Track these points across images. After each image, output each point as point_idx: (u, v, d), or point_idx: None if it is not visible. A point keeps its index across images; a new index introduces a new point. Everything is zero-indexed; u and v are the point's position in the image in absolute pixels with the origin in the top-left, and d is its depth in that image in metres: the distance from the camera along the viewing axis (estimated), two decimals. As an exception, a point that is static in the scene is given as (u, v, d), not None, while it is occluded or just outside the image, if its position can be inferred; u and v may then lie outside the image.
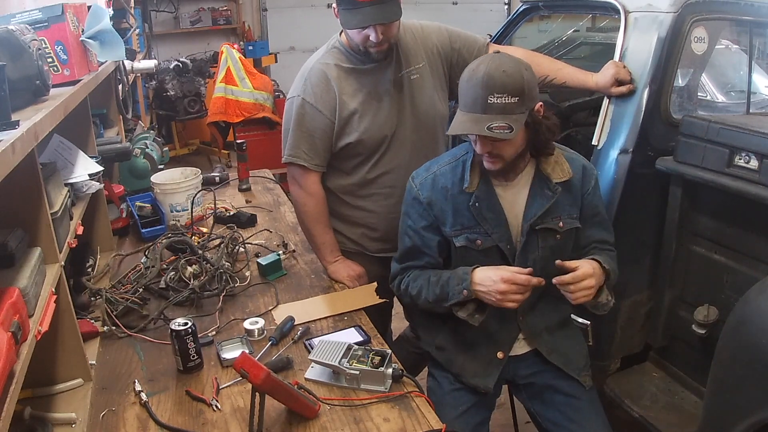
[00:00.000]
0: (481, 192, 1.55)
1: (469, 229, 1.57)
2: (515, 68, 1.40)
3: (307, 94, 1.79)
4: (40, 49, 1.28)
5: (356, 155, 1.85)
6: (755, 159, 1.66)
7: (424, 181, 1.61)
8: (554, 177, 1.55)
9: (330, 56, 1.82)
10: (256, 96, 4.73)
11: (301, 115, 1.79)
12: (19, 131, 0.98)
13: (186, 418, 1.30)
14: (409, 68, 1.83)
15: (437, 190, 1.58)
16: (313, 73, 1.80)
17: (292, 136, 1.82)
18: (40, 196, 1.24)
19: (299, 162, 1.82)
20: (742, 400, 1.44)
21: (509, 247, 1.56)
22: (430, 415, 1.29)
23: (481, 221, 1.55)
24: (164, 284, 1.75)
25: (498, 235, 1.56)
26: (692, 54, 1.94)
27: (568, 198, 1.57)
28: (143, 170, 2.54)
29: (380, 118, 1.80)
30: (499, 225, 1.56)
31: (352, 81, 1.79)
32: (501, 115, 1.38)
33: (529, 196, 1.56)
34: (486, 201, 1.55)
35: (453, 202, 1.57)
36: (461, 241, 1.58)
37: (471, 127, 1.42)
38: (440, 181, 1.59)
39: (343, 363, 1.35)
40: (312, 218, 1.89)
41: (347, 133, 1.80)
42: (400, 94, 1.83)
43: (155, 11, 6.42)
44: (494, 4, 7.69)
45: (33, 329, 1.07)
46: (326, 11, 7.30)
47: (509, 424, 2.10)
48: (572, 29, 3.46)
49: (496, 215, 1.55)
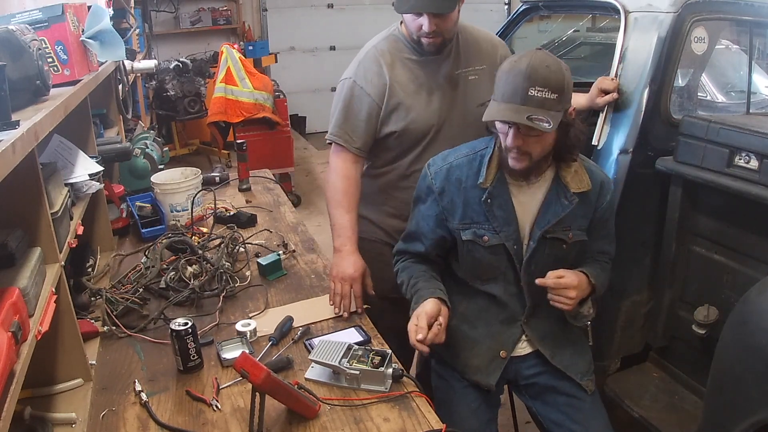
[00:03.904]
0: (495, 189, 1.53)
1: (478, 224, 1.55)
2: (557, 66, 1.39)
3: (358, 77, 1.79)
4: (41, 49, 1.28)
5: (399, 146, 1.83)
6: (755, 159, 1.67)
7: (439, 170, 1.59)
8: (573, 186, 1.52)
9: (386, 43, 1.81)
10: (256, 96, 4.73)
11: (350, 97, 1.79)
12: (20, 131, 0.98)
13: (186, 418, 1.30)
14: (468, 68, 1.82)
15: (451, 181, 1.57)
16: (367, 57, 1.80)
17: (338, 116, 1.81)
18: (40, 196, 1.24)
19: (339, 142, 1.81)
20: (742, 400, 1.44)
21: (516, 247, 1.55)
22: (430, 415, 1.29)
23: (491, 218, 1.54)
24: (164, 284, 1.75)
25: (506, 234, 1.54)
26: (692, 54, 1.94)
27: (581, 210, 1.55)
28: (143, 170, 2.54)
29: (428, 111, 1.79)
30: (508, 224, 1.54)
31: (406, 70, 1.78)
32: (540, 108, 1.35)
33: (544, 202, 1.54)
34: (499, 198, 1.53)
35: (465, 195, 1.56)
36: (468, 235, 1.56)
37: (511, 114, 1.38)
38: (455, 172, 1.57)
39: (343, 363, 1.35)
40: (334, 200, 1.83)
41: (393, 121, 1.79)
42: (454, 91, 1.81)
43: (155, 11, 6.41)
44: (494, 4, 7.70)
45: (33, 329, 1.07)
46: (326, 11, 7.32)
47: (509, 424, 2.10)
48: (572, 29, 3.46)
49: (506, 214, 1.53)
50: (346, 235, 1.77)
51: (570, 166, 1.53)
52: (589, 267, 1.58)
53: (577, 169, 1.53)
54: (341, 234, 1.78)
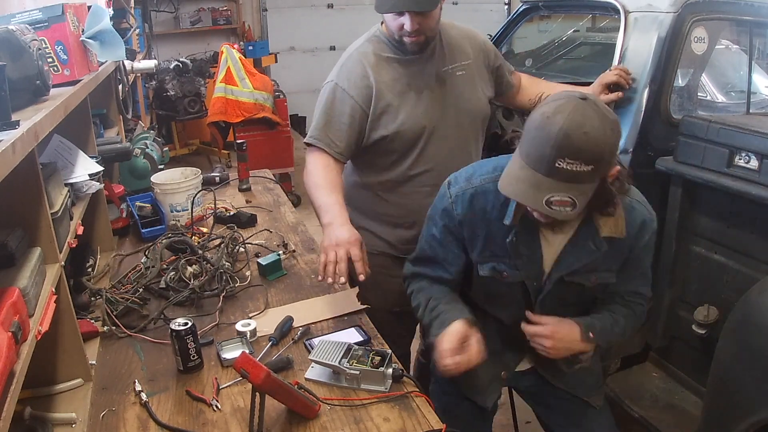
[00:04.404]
0: (523, 228, 1.38)
1: (498, 258, 1.43)
2: (599, 128, 1.14)
3: (341, 80, 1.75)
4: (41, 49, 1.28)
5: (394, 150, 1.79)
6: (755, 159, 1.67)
7: (461, 194, 1.43)
8: (603, 231, 1.34)
9: (369, 44, 1.78)
10: (256, 96, 4.73)
11: (332, 100, 1.75)
12: (20, 131, 0.98)
13: (186, 418, 1.30)
14: (455, 64, 1.79)
15: (475, 210, 1.42)
16: (350, 60, 1.77)
17: (319, 119, 1.78)
18: (40, 196, 1.24)
19: (319, 145, 1.75)
20: (742, 400, 1.44)
21: (535, 284, 1.45)
22: (431, 415, 1.29)
23: (515, 255, 1.41)
24: (164, 284, 1.75)
25: (526, 273, 1.43)
26: (692, 54, 1.94)
27: (611, 253, 1.38)
28: (143, 170, 2.54)
29: (418, 110, 1.75)
30: (532, 263, 1.42)
31: (391, 71, 1.75)
32: (567, 183, 1.15)
33: (569, 243, 1.39)
34: (526, 237, 1.39)
35: (488, 228, 1.42)
36: (486, 270, 1.46)
37: (527, 194, 1.20)
38: (480, 201, 1.41)
39: (343, 363, 1.35)
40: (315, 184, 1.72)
41: (383, 124, 1.75)
42: (443, 88, 1.78)
43: (155, 11, 6.41)
44: (494, 4, 7.70)
45: (33, 329, 1.07)
46: (326, 11, 7.32)
47: (509, 424, 2.10)
48: (572, 29, 3.46)
49: (531, 253, 1.41)
50: (335, 211, 1.62)
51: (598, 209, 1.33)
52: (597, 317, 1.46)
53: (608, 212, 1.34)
54: (329, 210, 1.62)
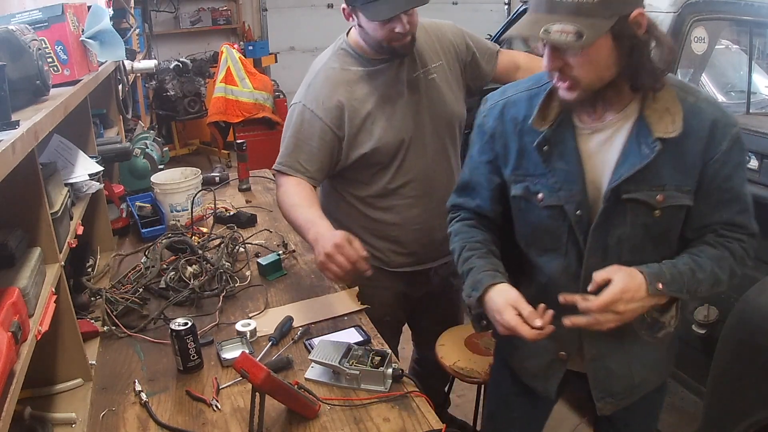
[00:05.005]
0: (555, 132, 1.18)
1: (534, 177, 1.22)
2: None
3: (308, 101, 1.69)
4: (40, 49, 1.28)
5: (374, 164, 1.73)
6: (755, 159, 1.67)
7: (493, 107, 1.29)
8: (656, 130, 1.11)
9: (336, 59, 1.71)
10: (256, 96, 4.74)
11: (300, 122, 1.69)
12: (19, 131, 0.98)
13: (186, 418, 1.30)
14: (426, 67, 1.71)
15: (505, 120, 1.26)
16: (317, 79, 1.70)
17: (287, 143, 1.72)
18: (40, 196, 1.24)
19: (289, 172, 1.70)
20: (742, 400, 1.44)
21: (579, 212, 1.18)
22: (430, 415, 1.29)
23: (550, 171, 1.19)
24: (164, 284, 1.75)
25: (567, 194, 1.18)
26: (692, 54, 1.94)
27: (676, 162, 1.13)
28: (143, 170, 2.54)
29: (395, 122, 1.68)
30: (570, 180, 1.18)
31: (363, 85, 1.68)
32: (570, 15, 1.01)
33: (623, 151, 1.15)
34: (560, 146, 1.18)
35: (520, 140, 1.24)
36: (518, 190, 1.25)
37: (524, 27, 1.10)
38: (511, 111, 1.25)
39: (343, 363, 1.35)
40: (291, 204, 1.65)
41: (361, 142, 1.68)
42: (416, 95, 1.71)
43: (155, 11, 6.42)
44: (494, 4, 7.70)
45: (33, 329, 1.07)
46: (326, 11, 7.32)
47: (509, 424, 2.10)
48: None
49: (569, 166, 1.18)
50: (318, 225, 1.55)
51: (656, 100, 1.12)
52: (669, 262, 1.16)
53: (668, 104, 1.11)
54: (312, 225, 1.56)
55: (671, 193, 1.14)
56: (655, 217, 1.15)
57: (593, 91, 1.11)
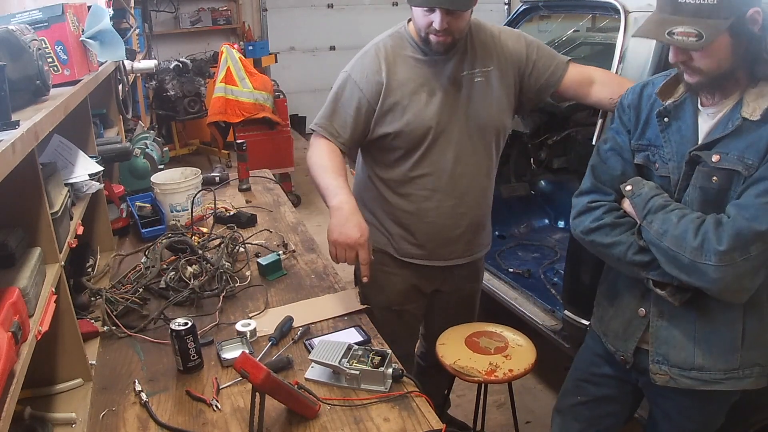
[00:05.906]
0: (678, 107, 1.31)
1: (654, 148, 1.35)
2: None
3: (354, 71, 1.75)
4: (40, 49, 1.28)
5: (396, 148, 1.77)
6: (755, 159, 1.66)
7: (633, 89, 1.43)
8: (744, 110, 1.23)
9: (390, 40, 1.76)
10: (256, 96, 4.73)
11: (342, 89, 1.76)
12: (20, 131, 0.98)
13: (186, 418, 1.30)
14: (474, 70, 1.74)
15: (642, 96, 1.40)
16: (368, 54, 1.76)
17: (327, 108, 1.78)
18: (40, 196, 1.24)
19: (323, 134, 1.76)
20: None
21: (675, 177, 1.33)
22: (430, 415, 1.29)
23: (666, 141, 1.32)
24: (164, 284, 1.75)
25: (674, 165, 1.32)
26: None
27: (750, 138, 1.22)
28: (143, 170, 2.54)
29: (427, 112, 1.72)
30: (679, 154, 1.31)
31: (407, 69, 1.72)
32: (692, 16, 1.14)
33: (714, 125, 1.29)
34: (679, 121, 1.31)
35: (649, 111, 1.37)
36: (640, 158, 1.38)
37: (650, 29, 1.20)
38: (648, 89, 1.39)
39: (343, 363, 1.35)
40: (321, 167, 1.71)
41: (388, 122, 1.73)
42: (457, 93, 1.74)
43: (155, 11, 6.42)
44: (494, 4, 7.69)
45: (33, 329, 1.07)
46: (326, 11, 7.33)
47: (509, 424, 2.11)
48: (572, 29, 3.46)
49: (683, 142, 1.31)
50: (344, 194, 1.61)
51: (756, 84, 1.23)
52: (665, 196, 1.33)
53: (762, 91, 1.23)
54: (338, 193, 1.61)
55: (728, 158, 1.23)
56: (713, 183, 1.26)
57: (713, 78, 1.22)
